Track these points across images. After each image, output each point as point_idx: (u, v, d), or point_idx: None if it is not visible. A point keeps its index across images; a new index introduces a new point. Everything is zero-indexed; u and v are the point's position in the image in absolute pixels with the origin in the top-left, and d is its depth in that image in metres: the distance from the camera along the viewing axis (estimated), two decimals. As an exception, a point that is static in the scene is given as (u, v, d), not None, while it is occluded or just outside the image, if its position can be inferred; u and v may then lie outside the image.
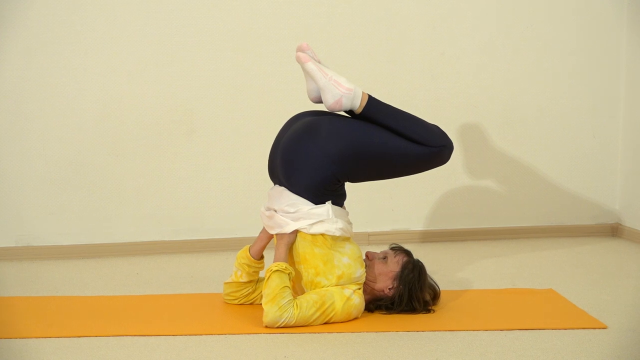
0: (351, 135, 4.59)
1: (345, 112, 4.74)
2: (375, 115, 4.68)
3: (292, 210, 4.59)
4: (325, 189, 4.59)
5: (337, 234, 4.58)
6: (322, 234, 4.57)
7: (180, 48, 5.75)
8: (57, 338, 4.41)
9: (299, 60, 4.68)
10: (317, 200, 4.58)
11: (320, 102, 4.72)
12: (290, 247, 4.63)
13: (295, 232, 4.60)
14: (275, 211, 4.64)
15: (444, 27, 5.99)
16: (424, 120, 4.72)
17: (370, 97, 4.69)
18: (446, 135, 4.73)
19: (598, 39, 6.16)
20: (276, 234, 4.65)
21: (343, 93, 4.65)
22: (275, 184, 4.75)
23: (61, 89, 5.67)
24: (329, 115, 4.70)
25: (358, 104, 4.67)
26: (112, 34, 5.67)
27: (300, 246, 4.60)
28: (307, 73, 4.70)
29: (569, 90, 6.17)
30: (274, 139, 4.81)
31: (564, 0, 6.10)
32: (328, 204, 4.59)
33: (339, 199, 4.65)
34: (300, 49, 4.70)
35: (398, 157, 4.63)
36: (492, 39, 6.06)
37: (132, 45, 5.69)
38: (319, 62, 4.72)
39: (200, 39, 5.76)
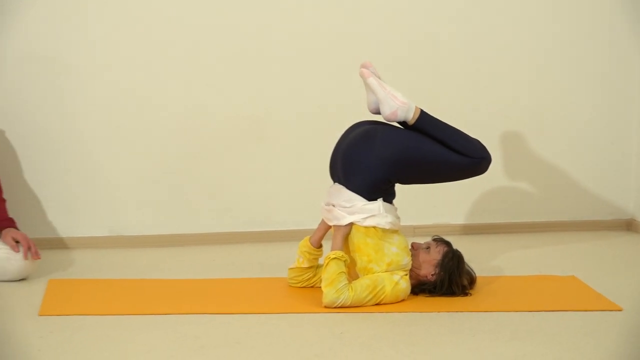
0: (402, 143, 4.61)
1: (400, 123, 4.74)
2: (425, 127, 4.68)
3: (348, 205, 4.59)
4: (377, 188, 4.59)
5: (387, 227, 4.58)
6: (374, 227, 4.58)
7: (252, 66, 5.75)
8: (144, 315, 4.44)
9: (362, 75, 4.70)
10: (370, 197, 4.59)
11: (378, 113, 4.73)
12: (346, 238, 4.64)
13: (351, 224, 4.61)
14: (334, 206, 4.65)
15: (480, 45, 5.95)
16: (467, 134, 4.71)
17: (422, 111, 4.69)
18: (486, 148, 4.72)
19: (616, 55, 6.11)
20: (334, 226, 4.66)
21: (399, 105, 4.66)
22: (334, 181, 4.76)
23: (151, 97, 5.69)
24: (384, 125, 4.71)
25: (411, 116, 4.68)
26: (195, 53, 5.69)
27: (355, 237, 4.61)
28: (368, 87, 4.72)
29: (591, 102, 6.11)
30: (332, 144, 4.83)
31: (584, 16, 6.03)
32: (379, 200, 4.59)
33: (389, 197, 4.65)
34: (363, 66, 4.73)
35: (442, 165, 4.64)
36: (521, 56, 6.02)
37: (211, 60, 5.71)
38: (379, 78, 4.73)
39: (269, 56, 5.76)
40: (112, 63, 5.64)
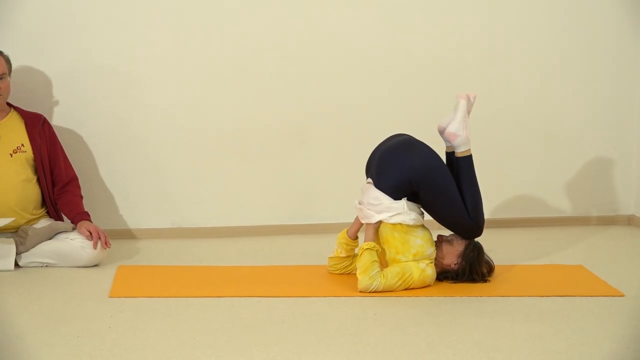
0: (435, 162, 4.62)
1: (447, 150, 4.79)
2: (464, 166, 4.70)
3: (375, 202, 4.59)
4: (401, 190, 4.59)
5: (411, 223, 4.57)
6: (400, 223, 4.56)
7: (296, 78, 5.75)
8: (201, 298, 4.45)
9: (460, 95, 4.81)
10: (396, 196, 4.58)
11: (442, 132, 4.78)
12: (377, 230, 4.64)
13: (380, 221, 4.60)
14: (363, 204, 4.64)
15: (496, 56, 5.91)
16: (481, 200, 4.71)
17: (471, 155, 4.73)
18: (484, 223, 4.72)
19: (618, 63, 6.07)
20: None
21: (463, 134, 4.72)
22: (368, 177, 4.76)
23: (208, 105, 5.71)
24: (425, 144, 4.71)
25: (462, 150, 4.72)
26: (245, 66, 5.70)
27: (383, 231, 4.61)
28: (456, 106, 4.80)
29: (594, 110, 6.06)
30: (367, 148, 4.84)
31: (590, 24, 5.98)
32: (403, 200, 4.58)
33: (412, 197, 4.63)
34: (469, 94, 4.84)
35: (448, 204, 4.63)
36: (536, 68, 5.97)
37: (260, 73, 5.72)
38: (469, 111, 4.83)
39: (310, 70, 5.76)
40: (174, 75, 5.66)
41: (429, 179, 4.57)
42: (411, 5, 5.80)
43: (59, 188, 5.20)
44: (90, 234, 4.97)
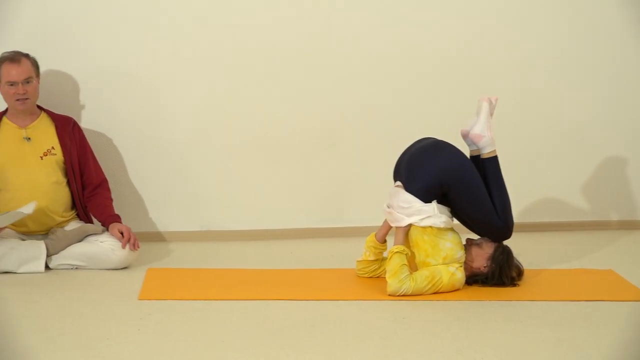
0: (464, 163, 4.62)
1: (472, 154, 4.79)
2: (490, 167, 4.71)
3: (406, 205, 4.58)
4: (431, 193, 4.57)
5: (441, 225, 4.55)
6: (430, 226, 4.55)
7: (325, 82, 5.75)
8: (230, 300, 4.45)
9: (482, 98, 4.83)
10: (426, 199, 4.56)
11: (466, 135, 4.79)
12: (406, 234, 4.62)
13: (410, 224, 4.59)
14: (393, 208, 4.63)
15: (522, 58, 5.88)
16: (509, 201, 4.71)
17: (496, 155, 4.73)
18: (513, 225, 4.71)
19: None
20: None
21: (488, 135, 4.74)
22: (396, 180, 4.74)
23: (236, 109, 5.71)
24: (453, 146, 4.69)
25: (487, 151, 4.73)
26: (274, 70, 5.69)
27: (413, 234, 4.59)
28: (478, 109, 4.81)
29: (622, 114, 6.02)
30: (395, 151, 4.83)
31: (615, 35, 5.94)
32: (434, 202, 4.57)
33: (442, 200, 4.61)
34: (489, 98, 4.84)
35: (478, 204, 4.62)
36: (561, 71, 5.93)
37: (289, 77, 5.71)
38: (491, 113, 4.84)
39: (340, 74, 5.75)
40: (203, 78, 5.66)
41: (459, 179, 4.56)
42: (445, 8, 5.78)
43: (89, 191, 5.21)
44: (122, 234, 4.98)
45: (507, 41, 5.86)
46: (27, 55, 5.07)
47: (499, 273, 4.63)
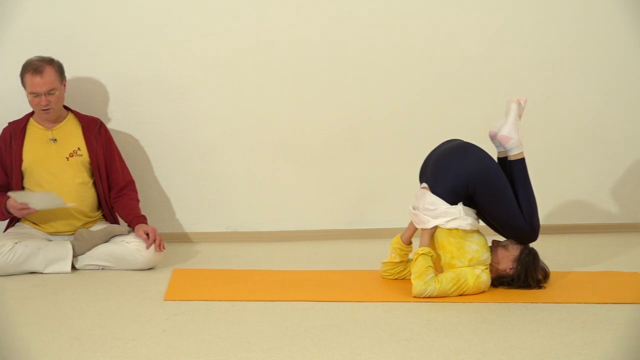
0: (490, 165, 4.59)
1: (499, 156, 4.78)
2: (517, 168, 4.70)
3: (431, 207, 4.56)
4: (457, 195, 4.56)
5: (467, 228, 4.54)
6: (456, 228, 4.53)
7: (351, 84, 5.74)
8: (255, 301, 4.45)
9: (511, 100, 4.80)
10: (452, 201, 4.55)
11: (494, 137, 4.78)
12: (432, 235, 4.61)
13: (435, 226, 4.57)
14: (419, 209, 4.62)
15: (549, 59, 5.85)
16: (536, 203, 4.69)
17: (523, 158, 4.71)
18: (539, 227, 4.69)
19: None
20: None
21: (515, 137, 4.72)
22: (422, 182, 4.73)
23: (262, 111, 5.71)
24: (480, 147, 4.67)
25: (514, 153, 4.71)
26: (300, 73, 5.69)
27: (439, 236, 4.58)
28: (507, 111, 4.79)
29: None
30: (420, 153, 4.83)
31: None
32: (460, 204, 4.55)
33: (468, 202, 4.60)
34: (518, 100, 4.81)
35: (504, 206, 4.60)
36: (589, 73, 5.90)
37: (316, 80, 5.71)
38: (520, 115, 4.81)
39: (363, 75, 5.74)
40: (230, 80, 5.67)
41: (485, 181, 4.54)
42: (469, 10, 5.76)
43: (116, 191, 5.23)
44: (147, 236, 5.00)
45: (531, 41, 5.83)
46: (51, 62, 5.06)
47: (524, 275, 4.61)
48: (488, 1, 5.76)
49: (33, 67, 5.00)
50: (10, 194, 4.92)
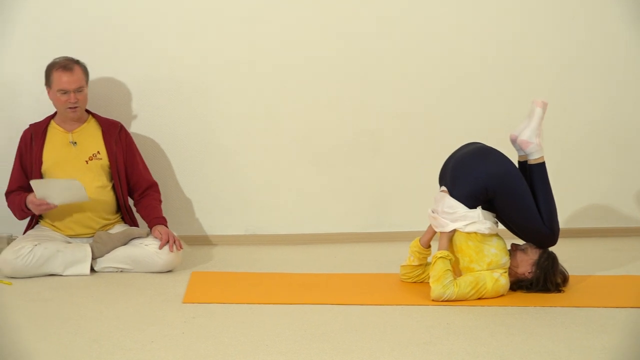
0: (510, 169, 4.58)
1: (520, 159, 4.77)
2: (537, 172, 4.67)
3: (450, 211, 4.56)
4: (476, 198, 4.55)
5: (486, 232, 4.53)
6: (475, 232, 4.52)
7: (369, 88, 5.74)
8: (274, 304, 4.45)
9: (536, 102, 4.77)
10: (471, 205, 4.54)
11: (515, 140, 4.76)
12: (451, 239, 4.60)
13: (454, 229, 4.56)
14: (438, 213, 4.61)
15: (569, 62, 5.84)
16: (555, 208, 4.66)
17: (544, 162, 4.69)
18: (559, 231, 4.67)
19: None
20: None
21: (536, 142, 4.69)
22: (441, 186, 4.72)
23: (281, 114, 5.74)
24: (499, 151, 4.66)
25: (534, 157, 4.69)
26: (319, 77, 5.71)
27: (457, 240, 4.57)
28: (531, 114, 4.76)
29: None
30: (439, 156, 4.83)
31: None
32: (479, 208, 4.54)
33: (486, 205, 4.58)
34: (544, 102, 4.77)
35: (524, 210, 4.58)
36: (610, 76, 5.88)
37: (334, 84, 5.72)
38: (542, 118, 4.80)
39: (382, 79, 5.74)
40: (248, 83, 5.69)
41: (505, 185, 4.52)
42: (486, 12, 5.76)
43: (139, 194, 5.25)
44: (161, 235, 5.02)
45: (549, 43, 5.82)
46: (78, 62, 5.10)
47: (543, 279, 4.59)
48: (505, 4, 5.76)
49: (62, 65, 5.04)
50: (32, 182, 4.93)
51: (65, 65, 5.04)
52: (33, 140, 5.13)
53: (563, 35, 5.83)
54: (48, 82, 5.07)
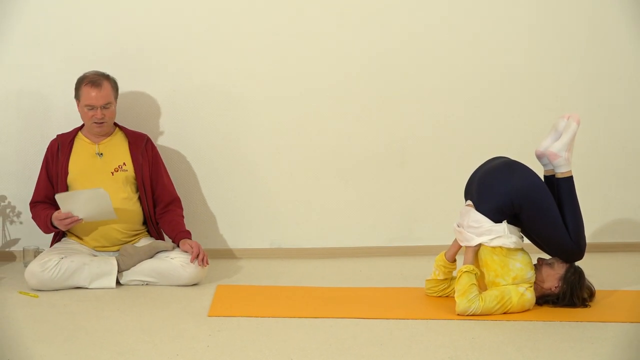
0: (536, 183, 4.55)
1: (546, 174, 4.74)
2: (564, 187, 4.64)
3: (476, 225, 4.54)
4: (502, 213, 4.52)
5: (512, 246, 4.50)
6: (500, 246, 4.50)
7: (396, 99, 5.74)
8: (299, 318, 4.44)
9: (574, 117, 4.72)
10: (496, 219, 4.51)
11: (541, 155, 4.73)
12: (476, 253, 4.58)
13: (479, 244, 4.54)
14: (463, 227, 4.59)
15: (599, 77, 5.82)
16: (583, 222, 4.63)
17: (571, 176, 4.66)
18: (585, 246, 4.63)
19: None
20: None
21: (565, 156, 4.66)
22: (467, 200, 4.70)
23: (307, 128, 5.74)
24: (525, 165, 4.63)
25: (562, 171, 4.66)
26: (345, 88, 5.70)
27: (483, 254, 4.55)
28: (566, 129, 4.71)
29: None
30: (465, 170, 4.81)
31: None
32: (504, 223, 4.51)
33: (512, 220, 4.56)
34: (578, 118, 4.73)
35: (550, 225, 4.55)
36: (638, 91, 5.86)
37: (360, 96, 5.72)
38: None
39: (410, 93, 5.74)
40: (276, 96, 5.69)
41: (531, 200, 4.50)
42: (515, 26, 5.74)
43: (161, 208, 5.25)
44: (192, 248, 5.01)
45: (577, 57, 5.80)
46: (107, 77, 5.12)
47: (570, 294, 4.56)
48: (533, 17, 5.75)
49: (91, 80, 5.06)
50: (57, 195, 4.94)
51: (94, 80, 5.06)
52: (60, 150, 5.16)
53: (592, 49, 5.80)
54: (77, 96, 5.10)
